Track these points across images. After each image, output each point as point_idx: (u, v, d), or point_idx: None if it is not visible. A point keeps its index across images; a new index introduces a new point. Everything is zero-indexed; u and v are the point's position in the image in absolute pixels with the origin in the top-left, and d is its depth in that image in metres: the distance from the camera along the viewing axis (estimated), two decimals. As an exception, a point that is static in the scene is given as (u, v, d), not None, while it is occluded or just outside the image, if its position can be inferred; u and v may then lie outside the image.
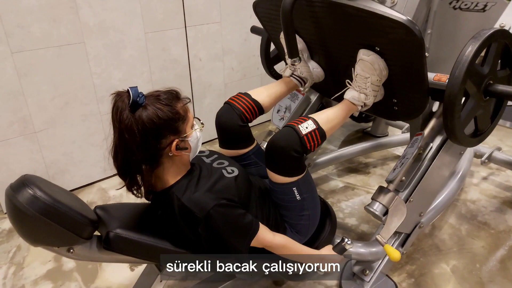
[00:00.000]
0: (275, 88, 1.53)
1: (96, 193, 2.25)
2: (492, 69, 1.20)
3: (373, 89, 1.30)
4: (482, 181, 2.30)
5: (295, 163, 1.22)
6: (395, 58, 1.22)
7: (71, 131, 2.18)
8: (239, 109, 1.42)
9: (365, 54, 1.24)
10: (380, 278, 1.56)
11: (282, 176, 1.24)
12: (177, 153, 1.09)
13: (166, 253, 1.11)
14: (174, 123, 1.07)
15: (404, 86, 1.29)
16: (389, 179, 1.46)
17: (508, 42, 1.21)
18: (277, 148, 1.19)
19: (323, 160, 2.31)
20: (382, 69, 1.24)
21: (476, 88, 1.18)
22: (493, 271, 1.65)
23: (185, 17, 2.41)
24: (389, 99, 1.37)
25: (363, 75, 1.27)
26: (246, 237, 1.13)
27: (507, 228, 1.90)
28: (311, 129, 1.20)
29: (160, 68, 2.42)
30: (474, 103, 1.21)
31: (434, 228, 1.91)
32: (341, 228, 1.93)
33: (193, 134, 1.13)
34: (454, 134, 1.22)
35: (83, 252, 1.02)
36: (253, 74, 2.98)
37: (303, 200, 1.29)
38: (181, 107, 1.09)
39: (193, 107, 2.68)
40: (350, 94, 1.33)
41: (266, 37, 1.98)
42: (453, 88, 1.11)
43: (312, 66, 1.54)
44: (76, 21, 2.01)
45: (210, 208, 1.05)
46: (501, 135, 2.86)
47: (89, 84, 2.15)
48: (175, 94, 1.11)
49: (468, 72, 1.10)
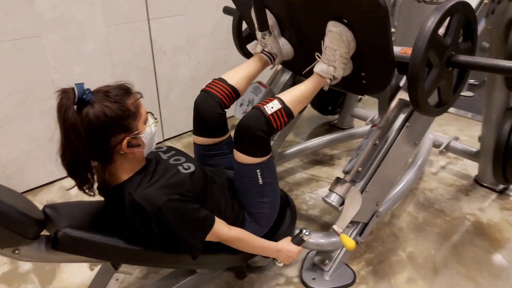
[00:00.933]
0: (248, 68, 1.54)
1: (57, 192, 2.20)
2: (454, 41, 1.25)
3: (342, 61, 1.32)
4: (440, 170, 2.39)
5: (260, 142, 1.26)
6: (362, 30, 1.25)
7: (29, 128, 2.11)
8: (217, 96, 1.43)
9: (334, 26, 1.26)
10: (339, 267, 1.61)
11: (247, 156, 1.26)
12: (129, 151, 1.07)
13: (119, 251, 1.10)
14: (124, 121, 1.04)
15: (371, 59, 1.33)
16: (345, 170, 1.50)
17: (469, 14, 1.26)
18: (244, 127, 1.23)
19: (290, 152, 2.34)
20: (350, 40, 1.27)
21: (438, 58, 1.22)
22: (446, 256, 1.72)
23: (147, 9, 2.37)
24: (357, 73, 1.40)
25: (331, 47, 1.29)
26: (200, 231, 1.13)
27: (461, 215, 1.98)
28: (276, 108, 1.24)
29: (123, 62, 2.37)
30: (437, 73, 1.26)
31: (393, 217, 1.97)
32: (304, 219, 1.97)
33: (146, 130, 1.11)
34: (418, 103, 1.26)
35: (30, 253, 0.99)
36: (220, 67, 2.96)
37: (265, 185, 1.31)
38: (132, 103, 1.07)
39: (158, 101, 2.64)
40: (319, 67, 1.35)
41: (237, 16, 1.99)
42: (417, 58, 1.16)
43: (282, 42, 1.56)
44: (32, 13, 1.94)
45: (162, 204, 1.05)
46: (461, 125, 2.96)
47: (47, 79, 2.09)
48: (125, 89, 1.08)
49: (430, 42, 1.15)
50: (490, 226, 1.90)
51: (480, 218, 1.95)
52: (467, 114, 3.16)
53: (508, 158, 1.93)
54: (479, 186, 2.21)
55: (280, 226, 1.48)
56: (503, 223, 1.91)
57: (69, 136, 0.98)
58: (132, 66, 2.43)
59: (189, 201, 1.11)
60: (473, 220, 1.94)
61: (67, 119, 0.97)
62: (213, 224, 1.16)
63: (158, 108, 2.66)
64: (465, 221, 1.94)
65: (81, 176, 1.06)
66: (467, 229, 1.89)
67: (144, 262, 1.25)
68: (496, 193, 2.15)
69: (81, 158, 1.02)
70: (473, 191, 2.17)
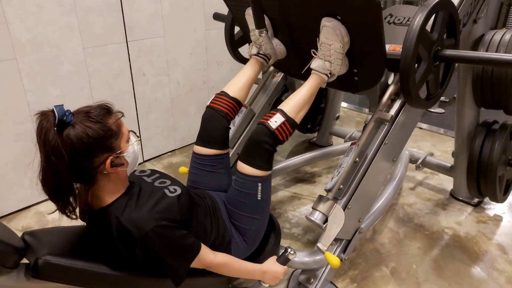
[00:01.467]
0: (245, 77, 1.59)
1: (32, 217, 2.13)
2: (440, 36, 1.35)
3: (337, 56, 1.36)
4: (418, 185, 2.45)
5: (266, 155, 1.32)
6: (355, 26, 1.30)
7: (3, 152, 2.05)
8: (223, 111, 1.50)
9: (327, 21, 1.30)
10: (324, 285, 1.60)
11: (252, 168, 1.31)
12: (113, 170, 1.06)
13: (101, 276, 1.06)
14: (106, 141, 1.03)
15: (364, 54, 1.38)
16: (327, 188, 1.51)
17: (452, 11, 1.36)
18: (252, 142, 1.32)
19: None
20: (344, 35, 1.31)
21: (427, 52, 1.31)
22: (428, 270, 1.75)
23: (126, 31, 2.37)
24: (349, 70, 1.45)
25: (326, 43, 1.34)
26: (185, 258, 1.12)
27: (440, 229, 2.03)
28: (280, 122, 1.31)
29: (101, 84, 2.35)
30: (426, 67, 1.34)
31: (375, 233, 2.00)
32: (287, 238, 1.97)
33: (129, 149, 1.10)
34: (410, 95, 1.33)
35: (9, 282, 0.95)
36: (200, 88, 2.98)
37: (261, 201, 1.34)
38: (113, 122, 1.06)
39: (137, 122, 2.62)
40: (315, 64, 1.40)
41: (230, 21, 2.05)
42: (408, 51, 1.24)
43: (275, 43, 1.60)
44: (6, 37, 1.91)
45: (150, 229, 1.03)
46: (435, 141, 3.07)
47: (22, 101, 2.04)
48: (106, 109, 1.07)
49: (419, 37, 1.23)
50: (468, 239, 1.96)
51: (457, 232, 2.01)
52: (440, 130, 3.28)
53: (481, 172, 2.00)
54: (455, 200, 2.28)
55: (265, 245, 1.47)
56: (480, 236, 1.97)
57: (50, 159, 0.96)
58: (111, 88, 2.41)
59: (177, 227, 1.10)
60: (451, 234, 1.99)
61: (47, 142, 0.95)
62: (199, 251, 1.14)
63: (138, 129, 2.63)
64: (444, 235, 1.99)
65: (63, 199, 1.03)
66: (446, 243, 1.93)
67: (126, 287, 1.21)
68: (472, 206, 2.22)
69: (63, 181, 0.99)
70: (449, 205, 2.24)
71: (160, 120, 2.75)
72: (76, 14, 2.12)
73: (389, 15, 1.82)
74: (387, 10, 1.85)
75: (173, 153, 2.86)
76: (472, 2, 1.64)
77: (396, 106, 1.53)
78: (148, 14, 2.46)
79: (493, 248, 1.89)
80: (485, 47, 1.79)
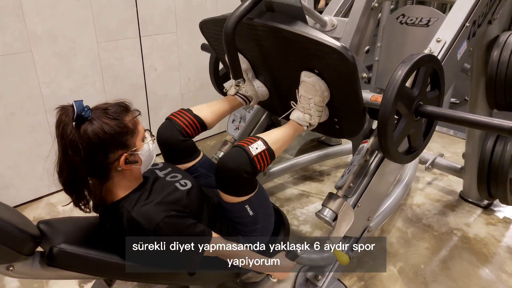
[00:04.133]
0: (218, 105, 1.54)
1: (44, 208, 2.16)
2: (421, 91, 1.27)
3: (317, 109, 1.33)
4: (427, 186, 2.44)
5: (246, 183, 1.24)
6: (333, 81, 1.28)
7: (17, 143, 2.08)
8: (179, 125, 1.42)
9: (306, 76, 1.28)
10: (332, 282, 1.61)
11: (234, 197, 1.25)
12: (127, 167, 1.08)
13: (114, 267, 1.08)
14: (122, 138, 1.05)
15: (343, 106, 1.35)
16: (338, 185, 1.52)
17: (435, 66, 1.30)
18: (227, 170, 1.19)
19: (279, 168, 2.36)
20: (323, 90, 1.28)
21: (407, 109, 1.24)
22: (436, 271, 1.75)
23: (139, 26, 2.39)
24: (330, 118, 1.42)
25: (306, 96, 1.31)
26: (198, 246, 1.13)
27: (448, 230, 2.02)
28: (261, 149, 1.21)
29: (113, 78, 2.38)
30: (406, 122, 1.27)
31: (383, 232, 2.00)
32: (295, 235, 1.97)
33: (144, 147, 1.12)
34: (388, 152, 1.28)
35: (24, 269, 0.97)
36: (210, 85, 2.96)
37: (256, 215, 1.31)
38: (130, 120, 1.08)
39: (148, 117, 2.64)
40: (295, 115, 1.36)
41: (214, 56, 2.01)
42: (386, 109, 1.17)
43: (257, 85, 1.57)
44: (22, 29, 1.94)
45: (160, 220, 1.04)
46: (444, 142, 3.05)
47: (36, 94, 2.07)
48: (124, 106, 1.09)
49: (398, 94, 1.16)
50: (477, 241, 1.95)
51: (466, 233, 2.00)
52: (450, 132, 3.25)
53: (491, 174, 1.99)
54: (464, 202, 2.27)
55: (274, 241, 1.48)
56: (489, 238, 1.96)
57: (67, 153, 0.98)
58: (123, 82, 2.43)
59: (186, 216, 1.11)
60: (460, 235, 1.99)
61: (65, 135, 0.97)
62: (211, 238, 1.15)
63: (148, 124, 2.65)
64: (452, 236, 1.98)
65: (77, 192, 1.05)
66: (455, 244, 1.93)
67: (138, 278, 1.23)
68: (481, 208, 2.20)
69: (78, 174, 1.01)
70: (459, 207, 2.22)
71: (170, 116, 2.77)
72: (92, 8, 2.14)
73: (402, 15, 1.82)
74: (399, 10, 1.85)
75: (182, 149, 2.88)
76: (488, 3, 1.63)
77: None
78: (162, 10, 2.47)
79: (502, 250, 1.88)
80: (499, 49, 1.78)
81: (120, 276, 1.15)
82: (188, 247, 1.10)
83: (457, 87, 3.55)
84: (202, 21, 1.58)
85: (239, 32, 1.25)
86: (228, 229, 1.32)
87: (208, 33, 1.63)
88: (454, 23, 1.49)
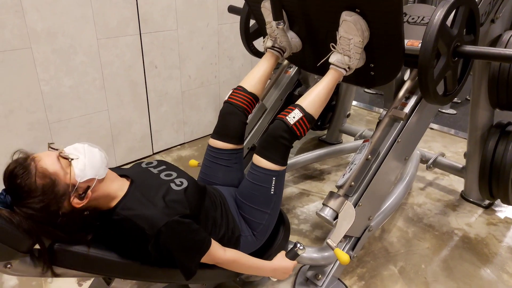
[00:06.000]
0: (263, 67, 1.59)
1: (43, 205, 2.14)
2: (460, 32, 1.32)
3: (356, 51, 1.34)
4: (428, 186, 2.43)
5: (283, 150, 1.33)
6: (375, 19, 1.28)
7: (16, 140, 2.07)
8: (241, 107, 1.51)
9: (348, 15, 1.28)
10: (332, 282, 1.60)
11: (268, 162, 1.32)
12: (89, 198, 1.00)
13: (113, 264, 1.07)
14: (51, 195, 0.93)
15: (382, 48, 1.36)
16: (339, 184, 1.51)
17: (472, 7, 1.34)
18: (270, 136, 1.32)
19: (279, 167, 2.35)
20: (364, 29, 1.29)
21: (446, 48, 1.29)
22: (437, 271, 1.74)
23: (139, 23, 2.38)
24: (366, 64, 1.44)
25: (346, 37, 1.32)
26: (197, 254, 1.12)
27: (449, 230, 2.01)
28: (298, 117, 1.30)
29: (113, 75, 2.36)
30: (445, 62, 1.32)
31: (384, 232, 1.98)
32: (295, 234, 1.96)
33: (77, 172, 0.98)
34: (428, 91, 1.32)
35: (22, 267, 0.96)
36: (211, 82, 2.98)
37: (274, 196, 1.35)
38: (41, 178, 0.93)
39: (148, 115, 2.63)
40: (334, 58, 1.38)
41: (245, 14, 2.05)
42: (428, 46, 1.22)
43: (291, 36, 1.58)
44: (22, 26, 1.93)
45: (162, 225, 1.02)
46: (446, 142, 3.04)
47: (36, 91, 2.06)
48: (21, 167, 0.93)
49: (440, 32, 1.21)
50: (478, 241, 1.94)
51: (467, 233, 1.99)
52: (451, 131, 3.25)
53: (493, 174, 1.98)
54: (465, 202, 2.26)
55: (274, 240, 1.48)
56: (490, 238, 1.95)
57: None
58: (123, 80, 2.42)
59: (189, 222, 1.09)
60: (461, 235, 1.98)
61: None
62: (209, 247, 1.14)
63: (149, 121, 2.64)
64: (453, 236, 1.97)
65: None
66: (455, 244, 1.91)
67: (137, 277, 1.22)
68: (482, 208, 2.19)
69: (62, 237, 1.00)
70: (460, 206, 2.21)
71: (170, 113, 2.76)
72: (91, 5, 2.13)
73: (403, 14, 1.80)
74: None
75: (182, 147, 2.87)
76: (491, 2, 1.61)
77: (411, 104, 1.52)
78: (162, 7, 2.46)
79: (503, 250, 1.87)
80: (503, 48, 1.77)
81: (119, 275, 1.14)
82: (185, 255, 1.09)
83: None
84: None
85: None
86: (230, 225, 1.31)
87: None
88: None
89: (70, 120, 2.24)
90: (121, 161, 2.57)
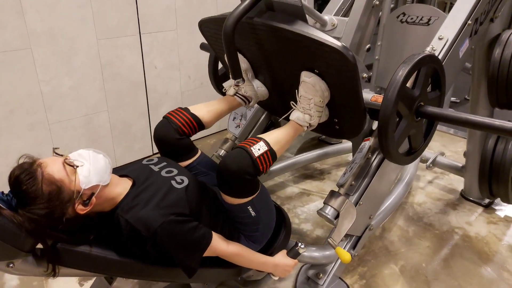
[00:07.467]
0: (217, 105, 1.52)
1: (44, 206, 2.14)
2: (422, 92, 1.26)
3: (317, 109, 1.31)
4: (428, 185, 2.44)
5: (248, 185, 1.21)
6: (333, 81, 1.26)
7: (16, 141, 2.07)
8: (176, 123, 1.40)
9: (307, 76, 1.26)
10: (333, 280, 1.61)
11: (236, 198, 1.23)
12: (91, 205, 1.02)
13: (115, 263, 1.07)
14: (56, 201, 0.95)
15: (343, 106, 1.34)
16: (339, 183, 1.51)
17: (436, 66, 1.28)
18: (230, 171, 1.14)
19: (280, 167, 2.35)
20: (323, 90, 1.27)
21: (407, 109, 1.23)
22: (437, 269, 1.74)
23: (139, 24, 2.38)
24: (330, 119, 1.41)
25: (306, 97, 1.29)
26: (196, 251, 1.11)
27: (449, 229, 2.02)
28: (263, 150, 1.18)
29: (113, 76, 2.37)
30: (407, 123, 1.26)
31: (384, 230, 1.99)
32: (296, 233, 1.97)
33: (80, 179, 0.99)
34: (389, 153, 1.26)
35: (25, 266, 0.96)
36: (210, 83, 2.97)
37: (258, 216, 1.29)
38: (48, 185, 0.94)
39: (148, 115, 2.63)
40: (295, 115, 1.34)
41: (214, 55, 2.00)
42: (386, 109, 1.15)
43: (257, 85, 1.55)
44: (22, 27, 1.93)
45: (158, 226, 1.02)
46: (445, 141, 3.05)
47: (36, 91, 2.06)
48: (27, 173, 0.94)
49: (399, 94, 1.15)
50: (478, 239, 1.94)
51: (468, 232, 2.00)
52: (450, 130, 3.25)
53: (493, 173, 1.99)
54: (465, 200, 2.26)
55: (274, 241, 1.48)
56: (490, 236, 1.96)
57: None
58: (123, 80, 2.42)
59: (185, 221, 1.09)
60: (461, 234, 1.98)
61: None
62: (210, 241, 1.14)
63: (148, 122, 2.65)
64: (453, 235, 1.97)
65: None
66: (456, 243, 1.92)
67: (139, 276, 1.22)
68: (482, 207, 2.20)
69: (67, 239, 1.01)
70: (460, 205, 2.22)
71: (170, 114, 2.76)
72: (91, 6, 2.13)
73: (402, 13, 1.81)
74: (400, 9, 1.84)
75: (182, 147, 2.87)
76: (490, 1, 1.62)
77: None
78: (162, 8, 2.46)
79: (503, 249, 1.88)
80: (501, 47, 1.77)
81: (121, 274, 1.15)
82: (184, 254, 1.09)
83: (457, 86, 3.55)
84: (201, 21, 1.57)
85: (239, 31, 1.24)
86: (230, 227, 1.31)
87: (208, 33, 1.62)
88: (456, 21, 1.49)
89: (70, 121, 2.24)
90: (121, 161, 2.57)
